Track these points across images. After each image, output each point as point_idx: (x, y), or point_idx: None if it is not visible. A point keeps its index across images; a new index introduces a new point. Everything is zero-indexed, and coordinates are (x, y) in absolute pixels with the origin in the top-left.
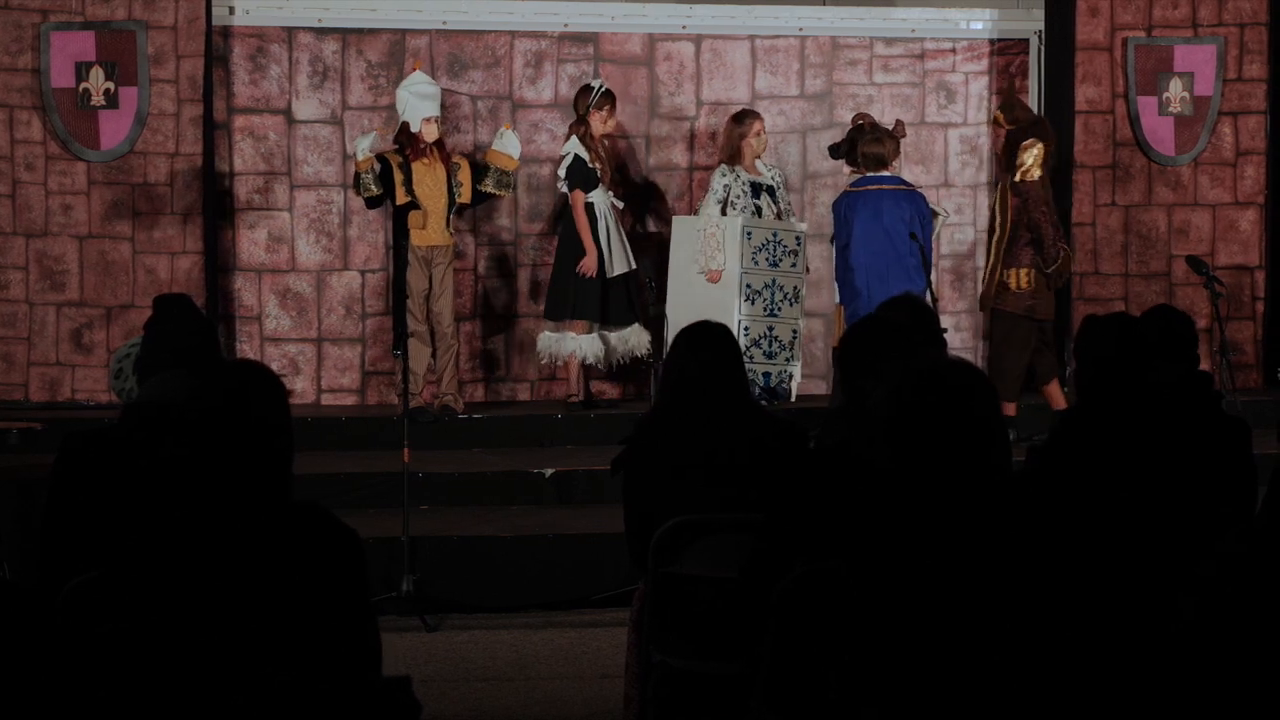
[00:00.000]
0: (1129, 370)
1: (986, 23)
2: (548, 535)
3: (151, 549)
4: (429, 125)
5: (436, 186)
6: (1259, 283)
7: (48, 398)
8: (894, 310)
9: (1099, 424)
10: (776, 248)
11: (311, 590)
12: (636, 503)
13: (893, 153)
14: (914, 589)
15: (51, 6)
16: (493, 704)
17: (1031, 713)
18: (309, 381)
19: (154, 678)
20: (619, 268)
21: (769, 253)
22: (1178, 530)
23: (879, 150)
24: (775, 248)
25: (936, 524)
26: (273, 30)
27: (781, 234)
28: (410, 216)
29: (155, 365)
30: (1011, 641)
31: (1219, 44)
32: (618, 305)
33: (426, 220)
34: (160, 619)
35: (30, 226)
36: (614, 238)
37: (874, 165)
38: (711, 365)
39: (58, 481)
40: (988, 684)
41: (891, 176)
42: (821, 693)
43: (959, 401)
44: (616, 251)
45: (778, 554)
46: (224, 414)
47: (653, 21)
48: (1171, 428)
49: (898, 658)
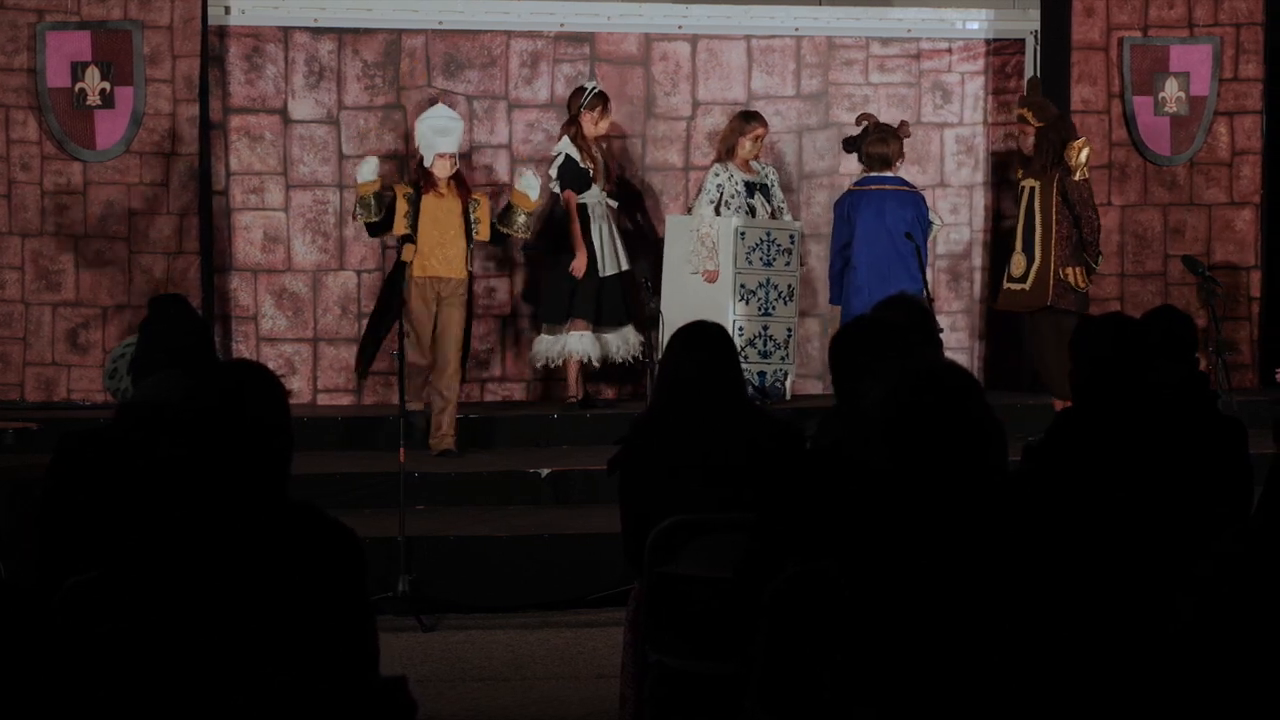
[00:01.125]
0: (1126, 370)
1: (982, 23)
2: (544, 535)
3: (149, 549)
4: (442, 161)
5: (448, 219)
6: (1255, 282)
7: (43, 398)
8: (889, 310)
9: (1094, 424)
10: (770, 247)
11: (309, 590)
12: (632, 503)
13: (896, 153)
14: (908, 589)
15: (47, 6)
16: (489, 704)
17: (1027, 713)
18: (305, 381)
19: (152, 678)
20: (610, 268)
21: (763, 252)
22: (1174, 530)
23: (884, 150)
24: (769, 247)
25: (931, 525)
26: (268, 30)
27: (775, 233)
28: (403, 249)
29: (150, 365)
30: (1007, 642)
31: (1215, 44)
32: (611, 305)
33: (424, 253)
34: (158, 619)
35: (26, 226)
36: (606, 238)
37: (878, 165)
38: (707, 365)
39: (53, 481)
40: (982, 685)
41: (894, 177)
42: (815, 693)
43: (955, 403)
44: (608, 252)
45: (771, 553)
46: (221, 414)
47: (648, 21)
48: (1167, 428)
49: (892, 658)
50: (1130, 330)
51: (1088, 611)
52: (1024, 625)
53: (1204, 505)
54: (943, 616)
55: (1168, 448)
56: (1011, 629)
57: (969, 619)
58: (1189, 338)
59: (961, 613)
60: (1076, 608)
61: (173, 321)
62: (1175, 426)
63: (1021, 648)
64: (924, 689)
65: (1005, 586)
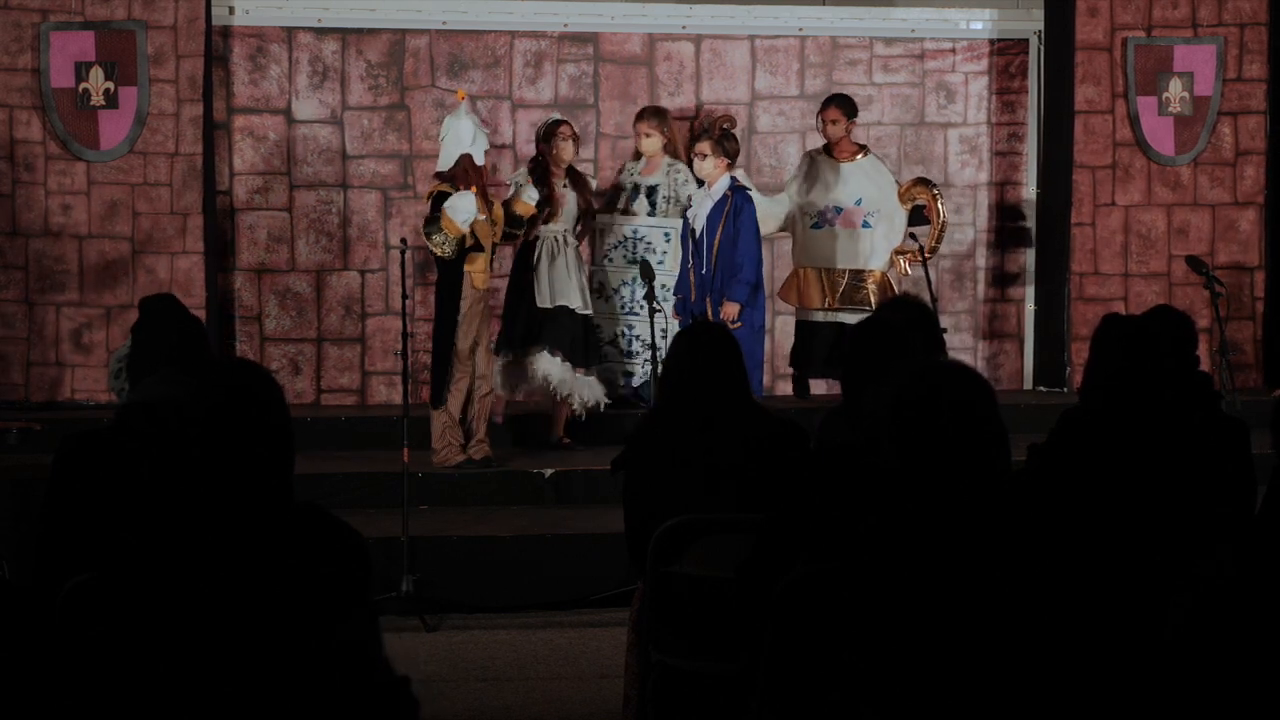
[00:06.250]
0: (1138, 373)
1: (986, 23)
2: (547, 536)
3: (152, 550)
4: (489, 159)
5: (483, 224)
6: (1258, 283)
7: (47, 398)
8: (895, 312)
9: (1099, 423)
10: (638, 245)
11: (313, 590)
12: (636, 503)
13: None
14: (915, 589)
15: (51, 6)
16: (492, 704)
17: (1033, 713)
18: (309, 381)
19: (154, 679)
20: (560, 300)
21: (626, 250)
22: (1177, 530)
23: None
24: (636, 245)
25: (938, 524)
26: (272, 30)
27: (645, 230)
28: (472, 259)
29: (143, 366)
30: (1013, 641)
31: (1219, 44)
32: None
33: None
34: (160, 619)
35: (30, 226)
36: (561, 273)
37: None
38: (711, 365)
39: (55, 482)
40: (989, 684)
41: None
42: (821, 693)
43: (961, 403)
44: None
45: (777, 554)
46: (227, 415)
47: (652, 21)
48: (1171, 428)
49: (898, 658)
50: (1145, 334)
51: (1093, 610)
52: (1031, 624)
53: (1207, 505)
54: (950, 616)
55: (1171, 448)
56: (1019, 628)
57: (976, 618)
58: (1188, 337)
59: (969, 612)
60: (1082, 607)
61: (163, 321)
62: (1178, 426)
63: (1029, 647)
64: (931, 689)
65: (1012, 585)
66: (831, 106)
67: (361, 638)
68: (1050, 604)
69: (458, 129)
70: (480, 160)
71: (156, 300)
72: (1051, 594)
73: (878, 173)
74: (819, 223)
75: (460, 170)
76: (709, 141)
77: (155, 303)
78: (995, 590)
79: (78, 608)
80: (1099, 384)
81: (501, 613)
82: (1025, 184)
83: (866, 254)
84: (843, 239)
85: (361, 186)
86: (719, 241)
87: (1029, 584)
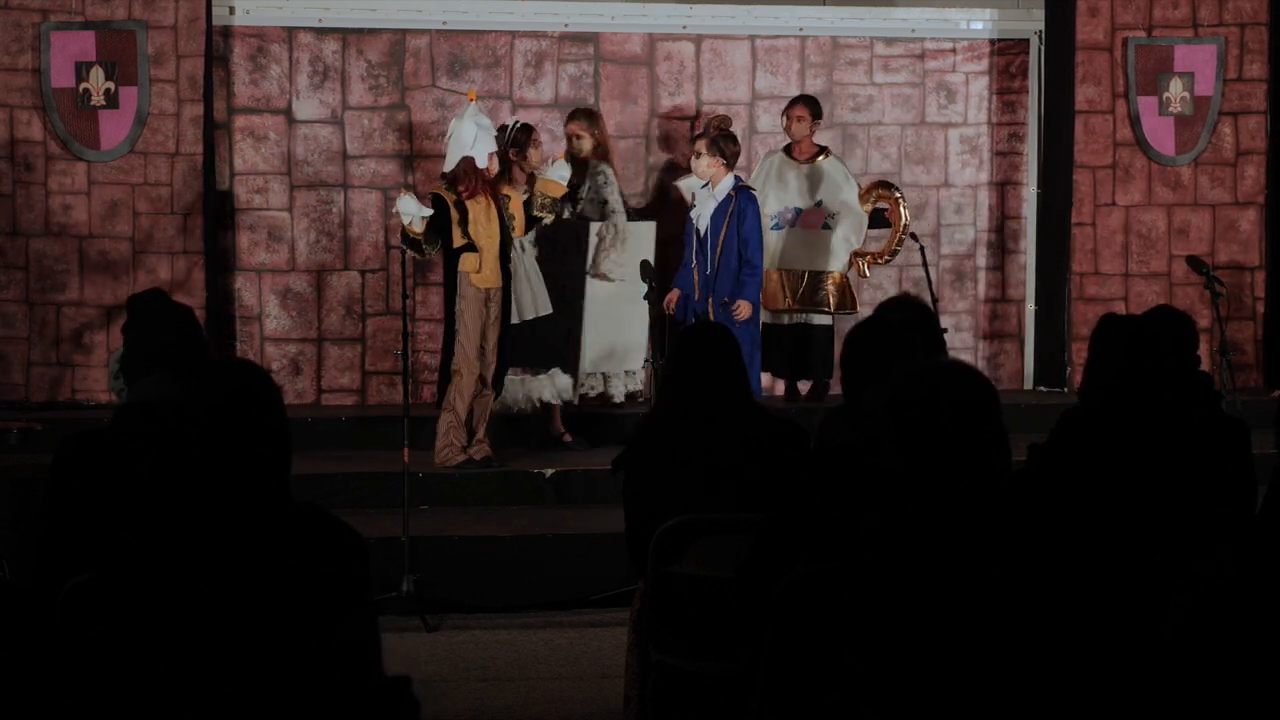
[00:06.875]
0: (1139, 373)
1: (986, 23)
2: (547, 536)
3: (152, 550)
4: (493, 160)
5: (491, 226)
6: (1259, 283)
7: (47, 398)
8: (895, 312)
9: (1099, 424)
10: (555, 245)
11: (313, 590)
12: (637, 502)
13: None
14: (915, 589)
15: (52, 6)
16: (492, 704)
17: (1033, 713)
18: (309, 382)
19: (153, 679)
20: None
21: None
22: (1177, 530)
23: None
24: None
25: (938, 524)
26: (273, 30)
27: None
28: (465, 259)
29: (136, 365)
30: (1013, 641)
31: (1219, 44)
32: (535, 349)
33: (482, 263)
34: (160, 620)
35: (30, 226)
36: (523, 283)
37: None
38: (711, 365)
39: (55, 482)
40: (989, 684)
41: None
42: (821, 693)
43: (961, 403)
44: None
45: (777, 554)
46: (226, 415)
47: (653, 21)
48: (1171, 428)
49: (898, 658)
50: (1146, 334)
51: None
52: (1031, 624)
53: (1207, 505)
54: (950, 616)
55: (1171, 448)
56: (1019, 628)
57: (976, 618)
58: (1188, 337)
59: (969, 612)
60: (1082, 607)
61: (153, 319)
62: (1179, 427)
63: (1029, 647)
64: (931, 689)
65: (1012, 586)
66: (799, 104)
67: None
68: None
69: (460, 131)
70: (482, 162)
71: (144, 298)
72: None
73: (838, 174)
74: (778, 223)
75: (461, 172)
76: (704, 140)
77: (143, 301)
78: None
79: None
80: (1099, 384)
81: (502, 613)
82: (1026, 184)
83: (826, 256)
84: (804, 240)
85: (362, 186)
86: (722, 241)
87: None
